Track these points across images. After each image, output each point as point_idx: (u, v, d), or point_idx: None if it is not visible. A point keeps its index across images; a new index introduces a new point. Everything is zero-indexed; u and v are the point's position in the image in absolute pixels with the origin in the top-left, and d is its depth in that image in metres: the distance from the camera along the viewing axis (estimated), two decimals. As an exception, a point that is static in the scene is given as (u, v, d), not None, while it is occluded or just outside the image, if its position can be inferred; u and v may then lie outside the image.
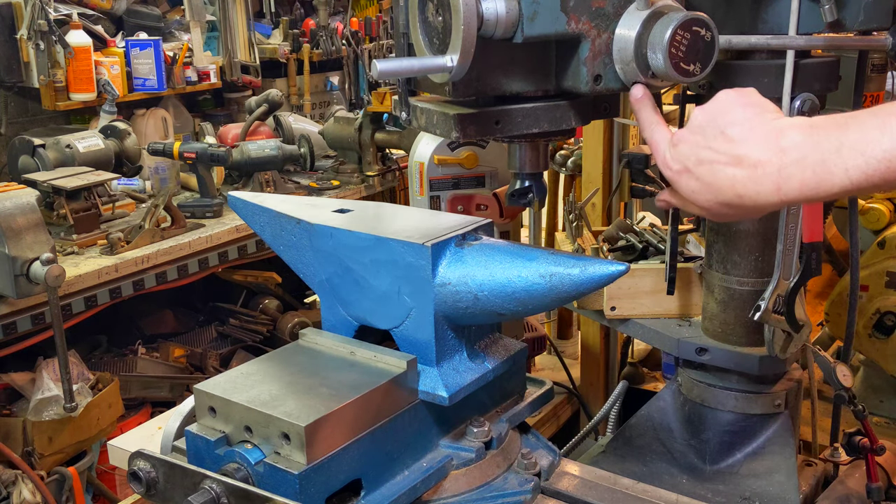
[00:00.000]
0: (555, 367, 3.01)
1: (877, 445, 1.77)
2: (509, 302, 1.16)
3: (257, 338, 4.25)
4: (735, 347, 1.72)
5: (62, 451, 3.15)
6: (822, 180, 0.92)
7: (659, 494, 1.31)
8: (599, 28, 1.13)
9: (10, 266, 2.74)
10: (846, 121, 0.92)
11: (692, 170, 1.04)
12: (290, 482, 1.04)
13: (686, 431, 1.80)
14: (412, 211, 1.42)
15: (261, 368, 1.21)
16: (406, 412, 1.19)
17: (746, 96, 1.03)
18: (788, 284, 1.56)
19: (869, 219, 2.83)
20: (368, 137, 4.27)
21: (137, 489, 1.12)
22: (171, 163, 4.17)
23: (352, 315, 1.30)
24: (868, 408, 1.84)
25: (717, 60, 1.14)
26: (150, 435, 2.01)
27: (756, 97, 1.04)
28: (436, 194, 2.26)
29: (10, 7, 3.97)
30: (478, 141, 1.24)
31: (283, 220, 1.35)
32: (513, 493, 1.25)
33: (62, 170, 3.46)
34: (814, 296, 3.31)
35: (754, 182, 0.97)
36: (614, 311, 1.90)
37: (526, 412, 1.39)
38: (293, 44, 5.47)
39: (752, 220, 1.64)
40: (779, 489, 1.63)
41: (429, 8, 1.12)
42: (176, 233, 3.54)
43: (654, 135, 1.11)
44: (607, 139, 2.82)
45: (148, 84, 4.40)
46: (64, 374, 2.90)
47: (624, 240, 2.15)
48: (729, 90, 1.05)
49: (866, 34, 1.47)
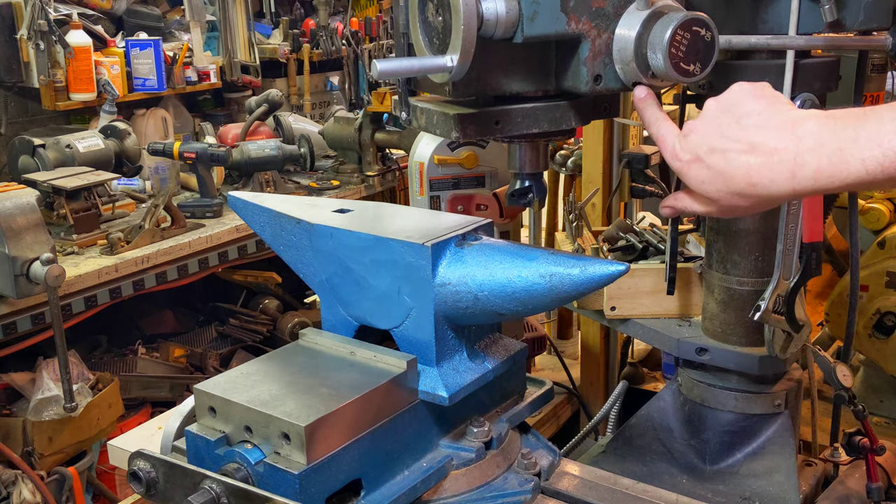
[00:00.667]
0: (555, 367, 3.00)
1: (877, 445, 1.77)
2: (509, 302, 1.16)
3: (257, 338, 4.25)
4: (735, 347, 1.72)
5: (62, 451, 3.16)
6: (838, 169, 0.92)
7: (659, 494, 1.31)
8: (599, 28, 1.13)
9: (10, 266, 2.74)
10: (864, 113, 0.93)
11: (704, 159, 1.04)
12: (290, 482, 1.04)
13: (686, 431, 1.80)
14: (412, 211, 1.42)
15: (261, 368, 1.21)
16: (406, 412, 1.19)
17: (761, 89, 1.04)
18: (788, 284, 1.56)
19: (869, 219, 2.83)
20: (368, 137, 4.27)
21: (137, 489, 1.12)
22: (171, 163, 4.17)
23: (352, 315, 1.30)
24: (868, 408, 1.84)
25: (717, 60, 1.14)
26: (150, 435, 2.01)
27: (770, 90, 1.04)
28: (436, 194, 2.26)
29: (10, 7, 3.97)
30: (478, 141, 1.24)
31: (283, 220, 1.35)
32: (513, 493, 1.25)
33: (62, 170, 3.46)
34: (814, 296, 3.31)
35: (769, 169, 0.97)
36: (614, 311, 1.90)
37: (526, 412, 1.38)
38: (293, 44, 5.47)
39: (752, 220, 1.64)
40: (779, 489, 1.63)
41: (429, 8, 1.12)
42: (176, 233, 3.54)
43: (661, 129, 1.11)
44: (607, 139, 2.82)
45: (148, 84, 4.40)
46: (64, 374, 2.90)
47: (624, 240, 2.15)
48: (743, 83, 1.05)
49: (866, 34, 1.47)
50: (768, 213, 1.54)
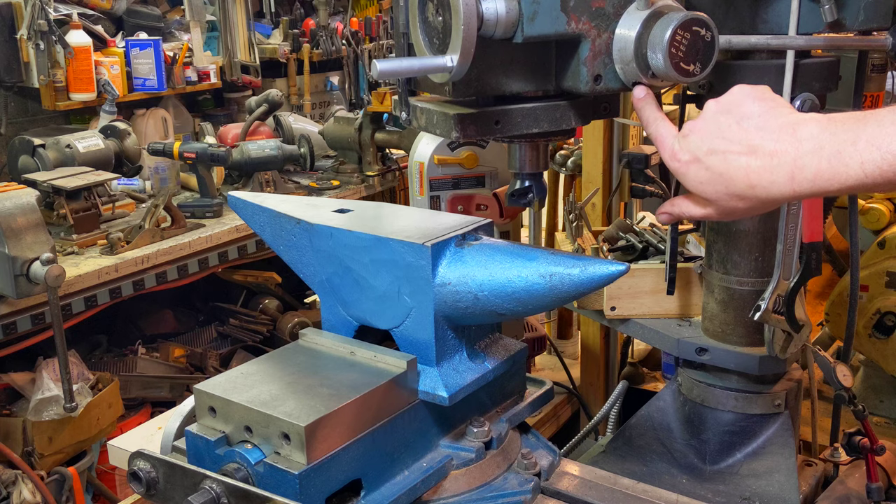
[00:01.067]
0: (555, 367, 3.00)
1: (877, 445, 1.77)
2: (509, 302, 1.16)
3: (257, 338, 4.25)
4: (735, 347, 1.72)
5: (62, 451, 3.16)
6: (837, 172, 0.93)
7: (659, 494, 1.31)
8: (599, 28, 1.13)
9: (10, 266, 2.74)
10: (864, 116, 0.93)
11: (703, 159, 1.04)
12: (290, 482, 1.04)
13: (686, 431, 1.80)
14: (412, 211, 1.42)
15: (261, 368, 1.21)
16: (406, 412, 1.19)
17: (761, 92, 1.04)
18: (788, 284, 1.56)
19: (869, 219, 2.82)
20: (368, 137, 4.27)
21: (137, 489, 1.12)
22: (171, 163, 4.18)
23: (352, 315, 1.30)
24: (868, 408, 1.84)
25: (717, 60, 1.14)
26: (150, 435, 2.01)
27: (770, 93, 1.04)
28: (436, 194, 2.26)
29: (10, 7, 3.97)
30: (478, 141, 1.24)
31: (283, 220, 1.35)
32: (513, 493, 1.25)
33: (62, 170, 3.46)
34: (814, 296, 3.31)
35: (769, 171, 0.97)
36: (614, 311, 1.90)
37: (526, 412, 1.39)
38: (293, 44, 5.47)
39: (752, 220, 1.64)
40: (779, 489, 1.63)
41: (429, 8, 1.12)
42: (176, 233, 3.54)
43: (659, 129, 1.11)
44: (607, 139, 2.82)
45: (148, 84, 4.40)
46: (64, 374, 2.90)
47: (624, 240, 2.15)
48: (744, 85, 1.05)
49: (866, 34, 1.47)
50: (768, 213, 1.54)
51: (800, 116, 0.99)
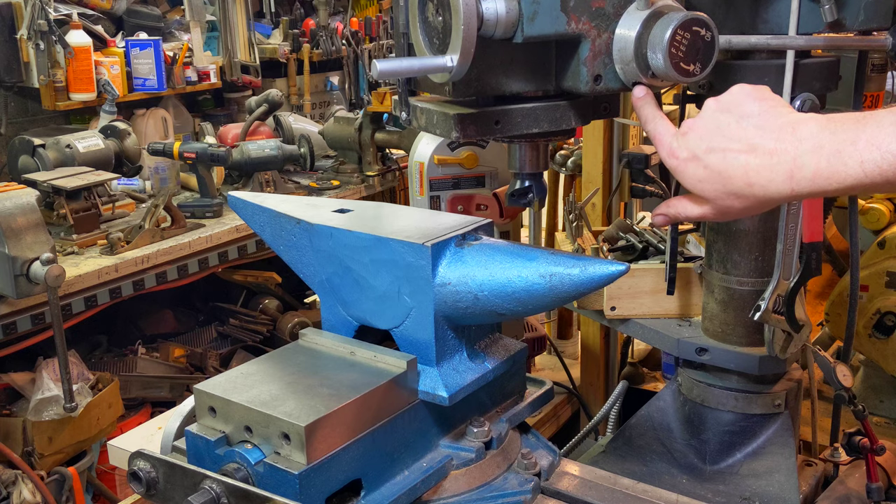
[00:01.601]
0: (555, 367, 3.00)
1: (877, 445, 1.77)
2: (509, 302, 1.16)
3: (257, 338, 4.25)
4: (735, 347, 1.72)
5: (62, 451, 3.16)
6: (836, 171, 0.93)
7: (659, 494, 1.31)
8: (599, 28, 1.13)
9: (10, 266, 2.74)
10: (864, 116, 0.93)
11: (701, 157, 1.03)
12: (290, 482, 1.04)
13: (686, 431, 1.80)
14: (412, 211, 1.42)
15: (261, 368, 1.21)
16: (406, 412, 1.19)
17: (761, 91, 1.04)
18: (788, 284, 1.56)
19: (869, 219, 2.82)
20: (368, 137, 4.27)
21: (137, 489, 1.12)
22: (171, 163, 4.18)
23: (352, 315, 1.30)
24: (868, 408, 1.84)
25: (717, 60, 1.14)
26: (150, 435, 2.01)
27: (770, 93, 1.04)
28: (436, 194, 2.26)
29: (10, 7, 3.97)
30: (478, 141, 1.24)
31: (283, 220, 1.35)
32: (513, 493, 1.25)
33: (62, 170, 3.46)
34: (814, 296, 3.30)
35: (768, 170, 0.97)
36: (614, 311, 1.90)
37: (526, 412, 1.39)
38: (293, 44, 5.47)
39: (752, 220, 1.64)
40: (779, 489, 1.63)
41: (429, 8, 1.12)
42: (176, 233, 3.55)
43: (658, 127, 1.11)
44: (607, 139, 2.82)
45: (148, 84, 4.40)
46: (64, 374, 2.90)
47: (624, 240, 2.15)
48: (744, 85, 1.05)
49: (866, 34, 1.47)
50: (768, 213, 1.54)
51: (799, 116, 0.99)
